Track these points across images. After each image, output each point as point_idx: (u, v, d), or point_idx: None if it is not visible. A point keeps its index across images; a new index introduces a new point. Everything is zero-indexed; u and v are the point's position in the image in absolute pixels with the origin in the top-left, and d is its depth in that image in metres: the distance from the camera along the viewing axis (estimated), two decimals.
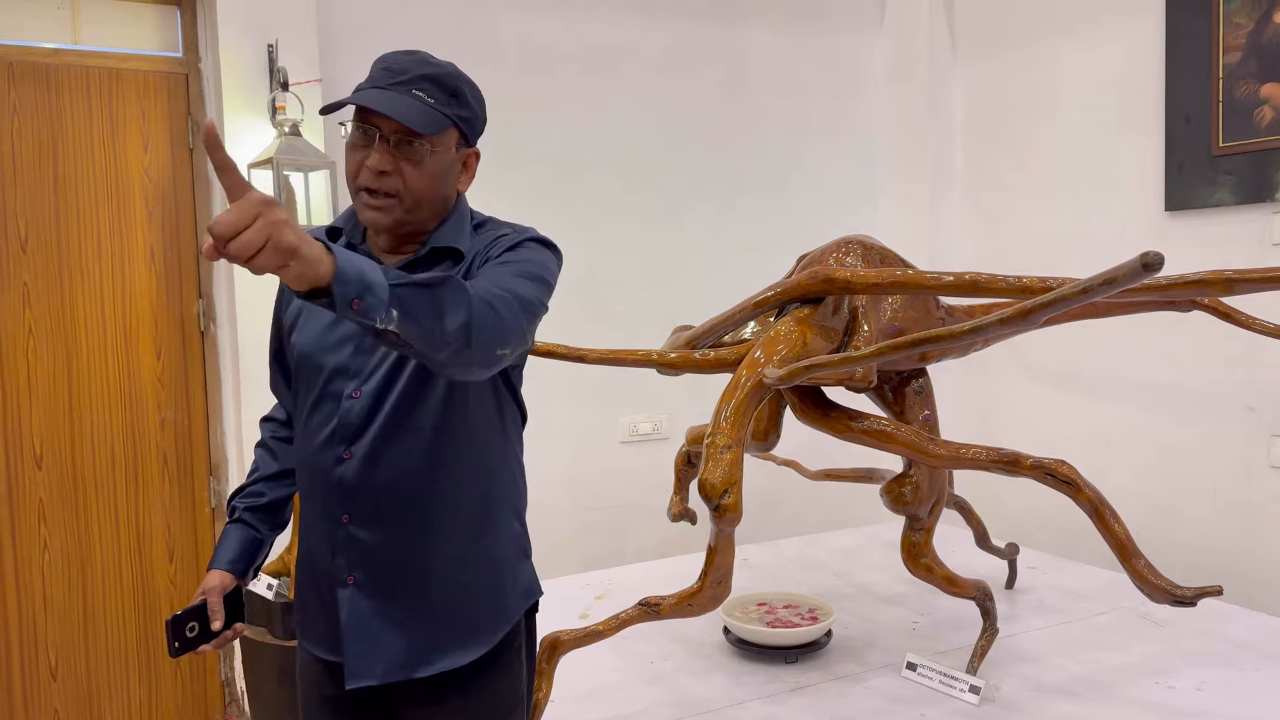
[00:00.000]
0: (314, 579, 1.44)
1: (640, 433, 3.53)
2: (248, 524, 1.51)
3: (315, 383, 1.39)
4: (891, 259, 2.00)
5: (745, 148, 3.66)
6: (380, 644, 1.37)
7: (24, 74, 2.68)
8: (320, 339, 1.39)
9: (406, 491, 1.37)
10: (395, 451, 1.35)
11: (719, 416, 1.69)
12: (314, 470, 1.39)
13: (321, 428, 1.38)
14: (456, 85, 1.40)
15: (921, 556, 1.97)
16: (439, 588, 1.38)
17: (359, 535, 1.37)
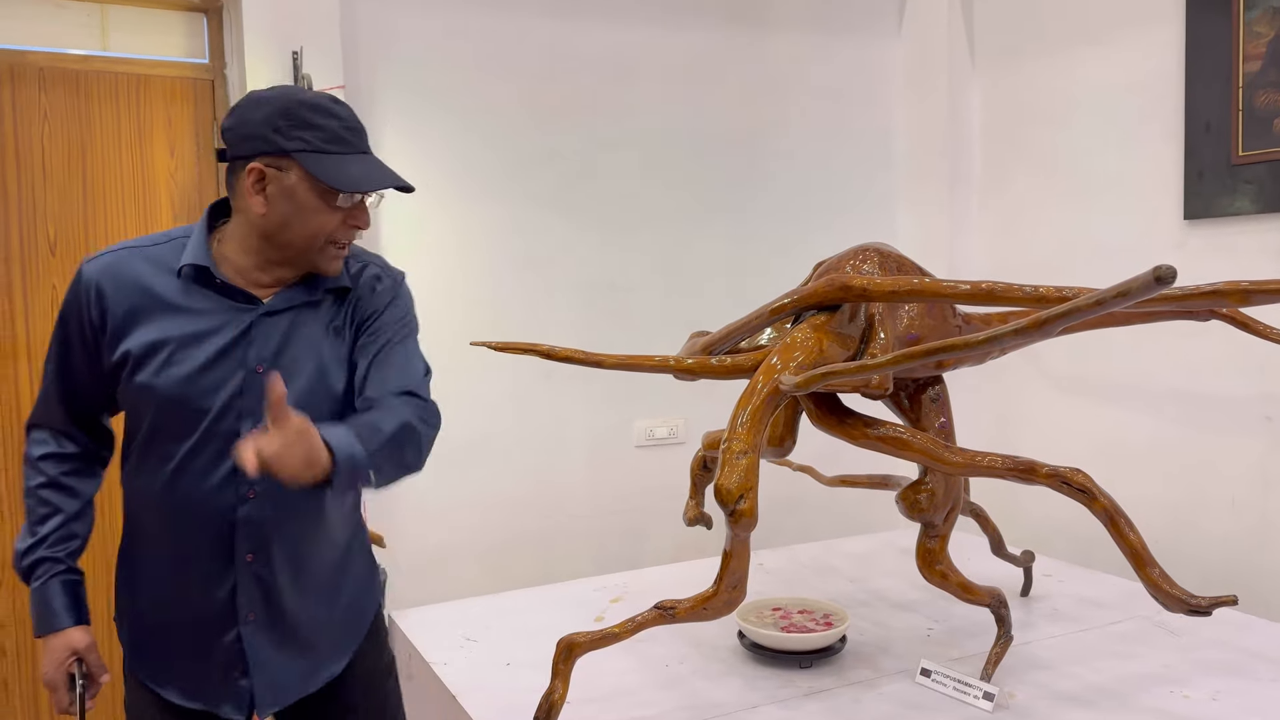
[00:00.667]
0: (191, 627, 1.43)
1: (656, 437, 3.55)
2: (70, 572, 1.47)
3: (195, 423, 1.38)
4: (908, 267, 2.01)
5: (763, 154, 3.68)
6: (282, 672, 1.45)
7: (54, 80, 2.73)
8: (193, 382, 1.37)
9: (305, 527, 1.43)
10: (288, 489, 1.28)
11: (735, 422, 1.70)
12: (205, 511, 1.39)
13: (213, 468, 1.38)
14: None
15: (936, 563, 1.98)
16: (326, 611, 1.49)
17: (262, 573, 1.41)
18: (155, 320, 1.37)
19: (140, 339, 1.38)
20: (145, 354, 1.38)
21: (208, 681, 1.45)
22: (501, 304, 3.29)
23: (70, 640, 1.45)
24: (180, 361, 1.38)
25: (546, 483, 3.39)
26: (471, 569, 3.29)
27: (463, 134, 3.21)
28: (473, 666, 2.17)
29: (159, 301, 1.38)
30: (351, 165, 1.37)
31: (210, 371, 1.39)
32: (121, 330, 1.39)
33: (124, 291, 1.38)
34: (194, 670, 1.46)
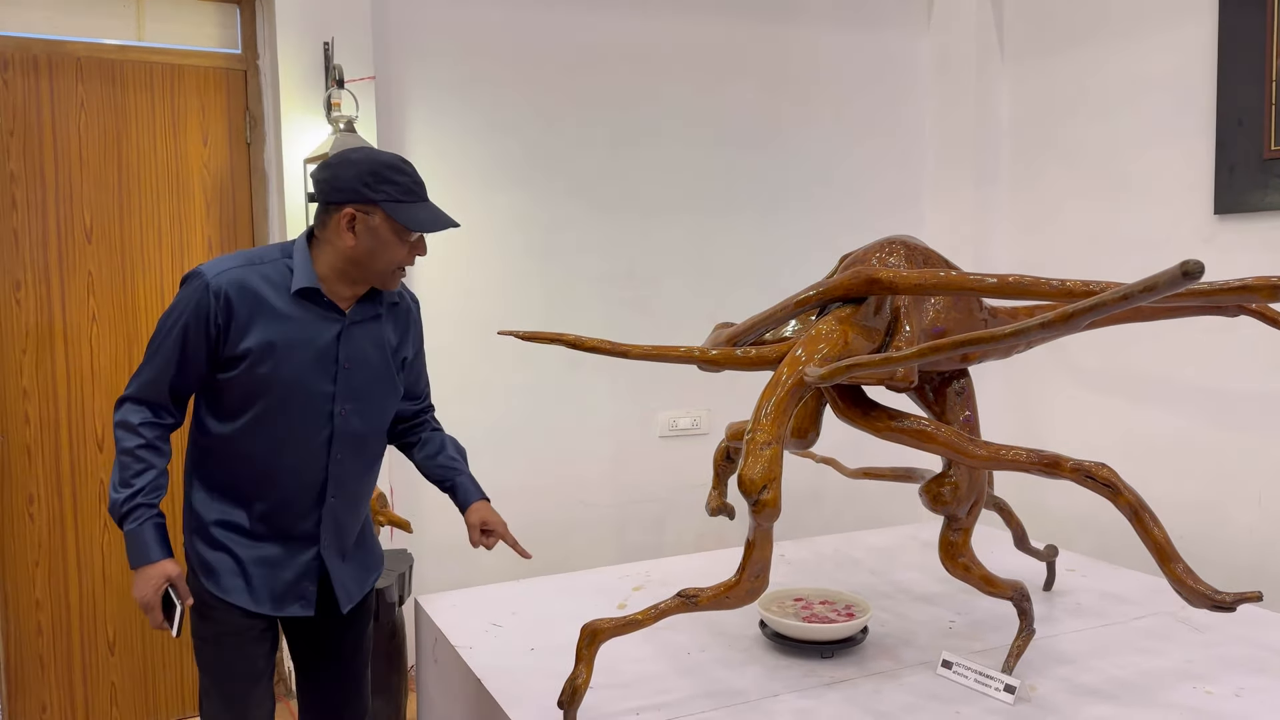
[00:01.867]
0: (277, 546, 1.86)
1: (679, 428, 3.57)
2: (159, 515, 1.79)
3: (305, 403, 1.80)
4: (935, 260, 2.01)
5: (790, 147, 3.68)
6: (347, 581, 1.95)
7: (91, 70, 2.78)
8: (307, 371, 1.79)
9: (362, 480, 1.93)
10: (362, 451, 1.90)
11: (759, 413, 1.71)
12: (308, 467, 1.84)
13: (316, 436, 1.83)
14: None
15: (959, 556, 1.98)
16: (363, 540, 2.00)
17: (337, 510, 1.88)
18: (271, 325, 1.76)
19: (258, 338, 1.74)
20: (264, 351, 1.75)
21: (282, 590, 1.86)
22: (525, 294, 3.32)
23: (164, 569, 1.76)
24: (291, 359, 1.77)
25: (570, 472, 3.42)
26: (495, 556, 3.32)
27: (490, 124, 3.23)
28: (498, 651, 2.19)
29: (273, 311, 1.76)
30: (420, 211, 1.79)
31: (317, 365, 1.80)
32: (245, 330, 1.74)
33: (245, 301, 1.74)
34: (271, 582, 1.86)
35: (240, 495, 1.83)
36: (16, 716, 2.88)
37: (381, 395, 1.89)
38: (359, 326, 1.84)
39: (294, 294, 1.76)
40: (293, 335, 1.76)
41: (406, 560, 2.83)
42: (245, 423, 1.79)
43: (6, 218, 2.77)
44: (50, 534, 2.88)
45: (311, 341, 1.78)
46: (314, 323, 1.78)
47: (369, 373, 1.86)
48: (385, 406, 1.91)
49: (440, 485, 2.12)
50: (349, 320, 1.82)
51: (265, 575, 1.85)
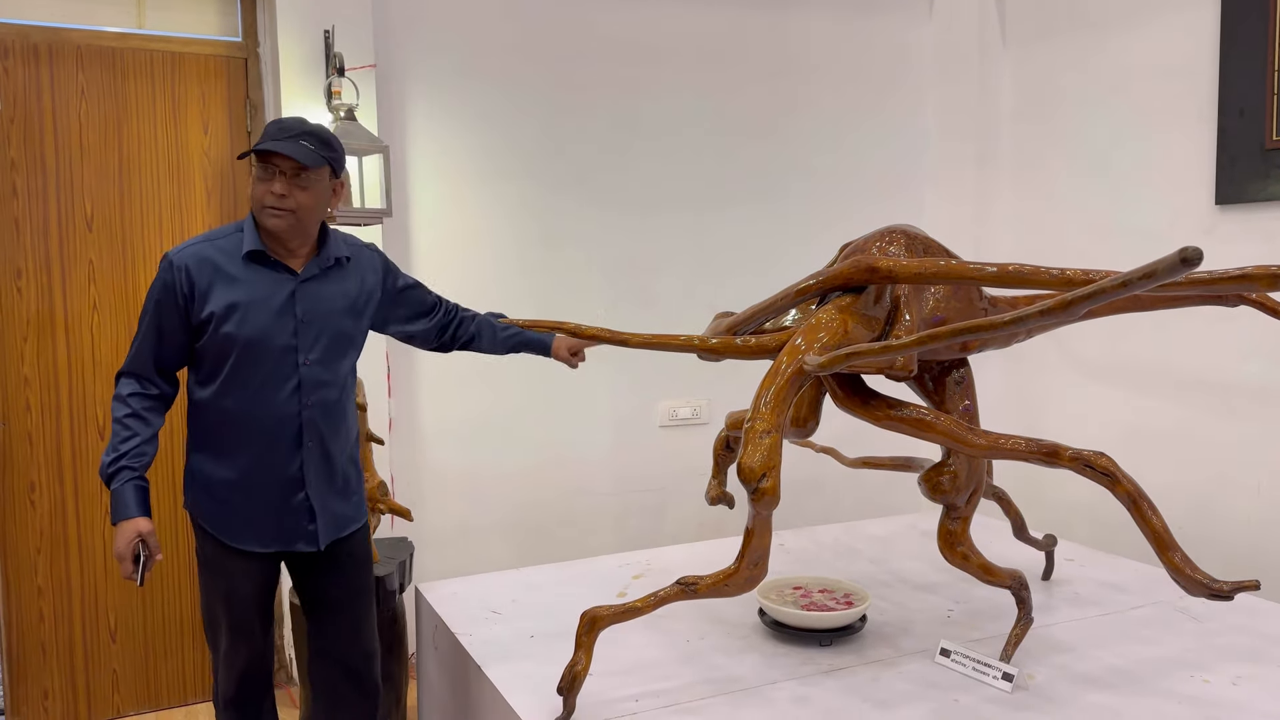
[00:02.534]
0: (270, 492, 2.02)
1: (679, 417, 3.57)
2: (142, 479, 1.96)
3: (267, 357, 1.96)
4: (935, 249, 2.01)
5: (790, 136, 3.67)
6: (334, 516, 2.09)
7: (92, 57, 2.78)
8: (266, 328, 1.94)
9: (334, 422, 2.06)
10: (329, 396, 2.04)
11: (759, 402, 1.72)
12: (281, 416, 1.99)
13: (283, 386, 1.98)
14: (327, 136, 1.97)
15: (958, 545, 1.99)
16: (343, 481, 2.11)
17: (317, 452, 2.04)
18: (229, 289, 1.93)
19: (219, 302, 1.92)
20: (226, 312, 1.92)
21: (283, 530, 2.04)
22: (526, 282, 3.32)
23: (137, 525, 1.91)
24: (250, 318, 1.93)
25: (570, 461, 3.43)
26: (495, 544, 3.34)
27: (490, 113, 3.22)
28: (497, 638, 2.20)
29: (230, 276, 1.94)
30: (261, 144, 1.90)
31: (277, 320, 1.95)
32: (206, 297, 1.92)
33: (204, 271, 1.93)
34: (272, 524, 2.03)
35: (229, 451, 2.00)
36: (19, 703, 2.90)
37: (343, 345, 2.05)
38: (313, 282, 2.00)
39: (246, 259, 1.95)
40: (250, 295, 1.94)
41: (407, 548, 2.84)
42: (221, 382, 1.97)
43: (7, 205, 2.77)
44: (52, 521, 2.89)
45: (268, 300, 1.95)
46: (268, 283, 1.96)
47: (328, 324, 2.01)
48: (346, 354, 2.07)
49: (515, 351, 2.36)
50: (301, 277, 1.99)
51: (266, 519, 2.03)
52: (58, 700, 2.94)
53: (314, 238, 2.02)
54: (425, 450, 3.23)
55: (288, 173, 1.91)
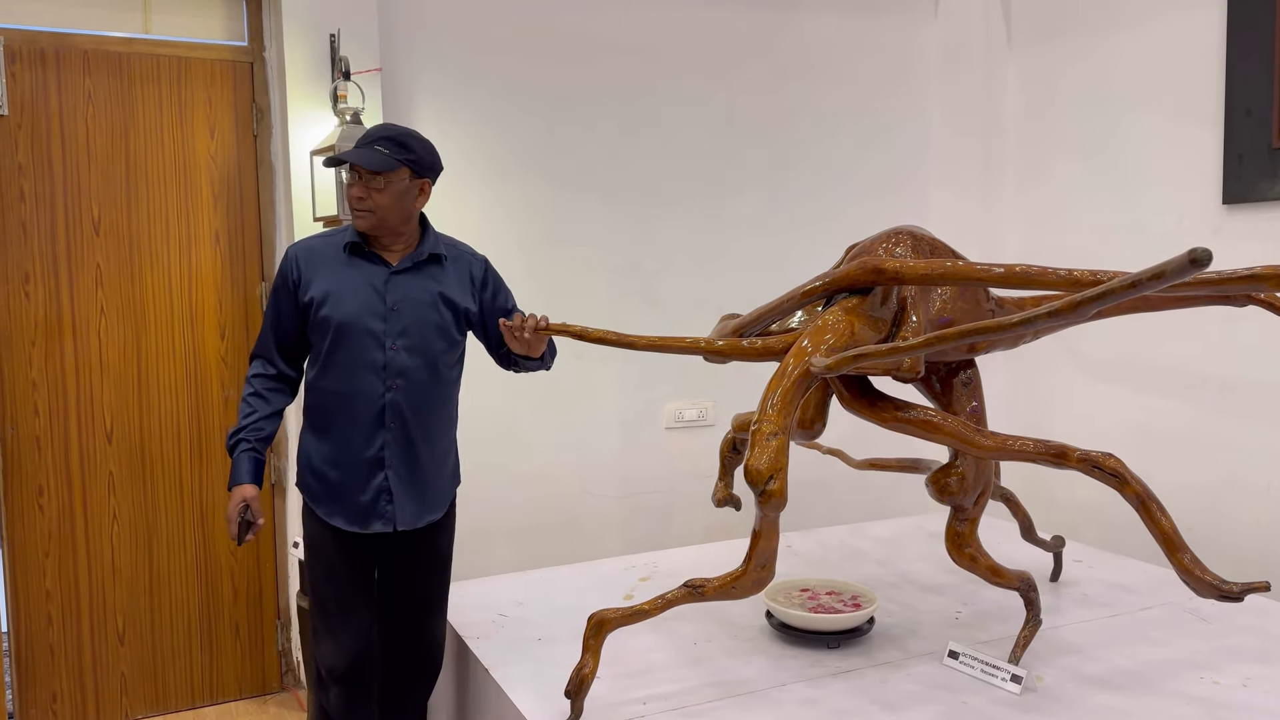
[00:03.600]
0: (355, 471, 2.14)
1: (685, 419, 3.57)
2: (257, 451, 2.15)
3: (357, 340, 2.10)
4: (942, 250, 2.01)
5: (796, 136, 3.67)
6: (411, 504, 2.17)
7: (98, 63, 2.79)
8: (356, 312, 2.10)
9: (422, 411, 2.16)
10: (416, 381, 2.14)
11: (765, 404, 1.72)
12: (366, 396, 2.11)
13: (370, 368, 2.10)
14: (405, 139, 2.11)
15: (966, 546, 1.98)
16: (430, 470, 2.19)
17: (399, 437, 2.14)
18: (329, 276, 2.12)
19: (320, 288, 2.11)
20: (324, 297, 2.11)
21: (365, 509, 2.14)
22: (531, 284, 3.31)
23: (244, 491, 2.10)
24: (345, 301, 2.10)
25: (577, 463, 3.43)
26: (502, 547, 3.34)
27: (495, 115, 3.23)
28: (505, 642, 2.20)
29: (331, 266, 2.13)
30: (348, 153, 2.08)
31: (368, 306, 2.11)
32: (310, 283, 2.12)
33: (311, 260, 2.15)
34: (357, 503, 2.14)
35: (326, 428, 2.16)
36: (27, 706, 2.91)
37: (430, 334, 2.15)
38: (405, 275, 2.14)
39: (348, 252, 2.13)
40: (346, 283, 2.11)
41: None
42: (321, 364, 2.14)
43: (15, 210, 2.78)
44: (60, 525, 2.90)
45: (362, 287, 2.12)
46: (364, 273, 2.13)
47: (417, 314, 2.14)
48: (434, 344, 2.16)
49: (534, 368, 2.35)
50: (394, 269, 2.14)
51: (351, 497, 2.15)
52: (66, 703, 2.94)
53: (408, 234, 2.17)
54: None
55: (363, 176, 2.07)
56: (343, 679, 2.19)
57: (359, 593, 2.21)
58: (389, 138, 2.10)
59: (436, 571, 2.28)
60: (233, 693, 3.11)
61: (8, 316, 2.80)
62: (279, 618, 3.16)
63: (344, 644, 2.19)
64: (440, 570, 2.29)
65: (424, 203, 2.19)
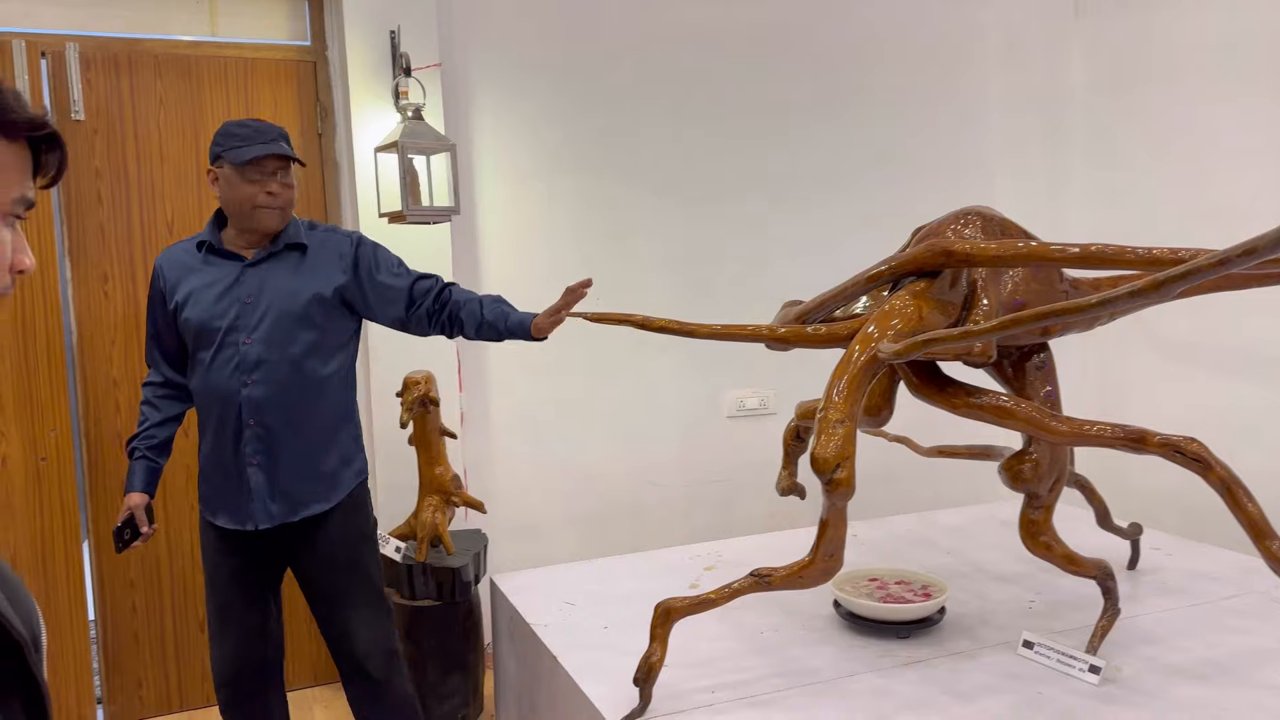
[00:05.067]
0: (224, 469, 2.15)
1: (747, 408, 3.55)
2: (149, 459, 2.20)
3: (212, 338, 2.11)
4: (1013, 230, 1.96)
5: (854, 119, 3.61)
6: (272, 502, 2.14)
7: (169, 66, 2.86)
8: (209, 311, 2.11)
9: (286, 407, 2.11)
10: (276, 376, 2.11)
11: (831, 391, 1.69)
12: (223, 393, 2.11)
13: (226, 365, 2.11)
14: (288, 137, 2.15)
15: (1040, 535, 1.93)
16: (299, 466, 2.14)
17: (260, 433, 2.12)
18: (189, 279, 2.14)
19: (182, 292, 2.14)
20: (184, 300, 2.13)
21: (239, 507, 2.14)
22: (593, 274, 3.33)
23: (130, 499, 2.16)
24: (195, 302, 2.12)
25: (638, 452, 3.43)
26: (567, 536, 3.36)
27: (554, 108, 3.24)
28: (572, 629, 2.22)
29: (190, 268, 2.16)
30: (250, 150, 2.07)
31: (215, 306, 2.11)
32: (175, 288, 2.15)
33: (174, 266, 2.17)
34: (230, 501, 2.15)
35: (203, 429, 2.19)
36: (114, 691, 3.01)
37: (289, 326, 2.12)
38: (260, 267, 2.14)
39: (203, 250, 2.16)
40: (202, 282, 2.14)
41: (481, 540, 2.87)
42: (191, 364, 2.17)
43: (93, 213, 2.87)
44: None
45: (214, 285, 2.13)
46: (218, 270, 2.14)
47: (275, 306, 2.12)
48: (296, 336, 2.12)
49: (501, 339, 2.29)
50: (248, 262, 2.14)
51: (224, 495, 2.16)
52: (151, 689, 3.04)
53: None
54: (497, 443, 3.27)
55: (277, 173, 2.10)
56: (228, 683, 2.22)
57: (244, 595, 2.21)
58: (284, 134, 2.14)
59: (343, 567, 2.23)
60: (308, 679, 3.18)
61: (89, 317, 2.90)
62: None
63: (226, 647, 2.21)
64: (348, 566, 2.23)
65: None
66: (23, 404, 2.76)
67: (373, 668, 2.22)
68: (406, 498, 2.88)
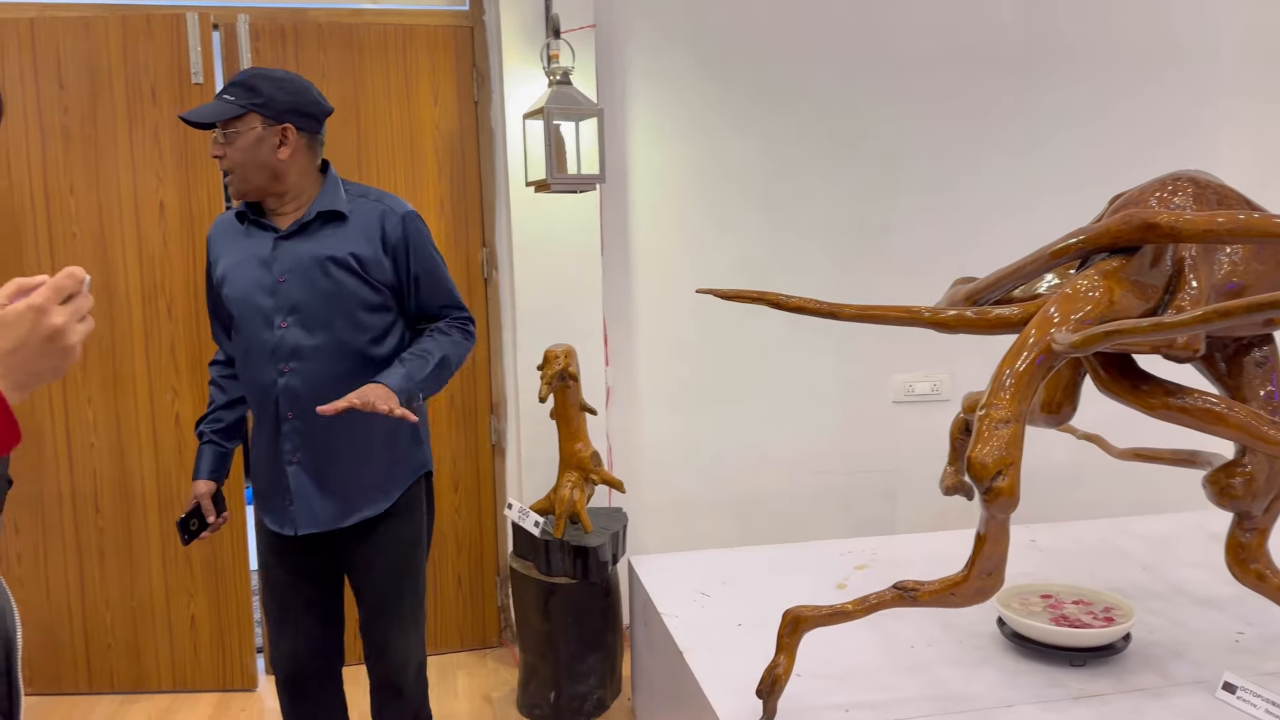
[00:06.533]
0: (268, 465, 1.96)
1: (917, 393, 3.28)
2: (215, 443, 2.05)
3: (250, 320, 1.89)
4: (1232, 199, 1.64)
5: (1052, 73, 3.24)
6: (318, 505, 1.93)
7: (332, 36, 2.90)
8: (242, 289, 1.89)
9: (325, 393, 1.82)
10: (316, 364, 1.88)
11: (998, 384, 1.47)
12: (260, 381, 1.90)
13: (262, 350, 1.89)
14: (253, 81, 1.83)
15: (1252, 561, 1.64)
16: (349, 465, 1.93)
17: (299, 428, 1.90)
18: (230, 250, 1.94)
19: (224, 264, 1.94)
20: (225, 274, 1.93)
21: (279, 510, 1.96)
22: (748, 246, 3.15)
23: (195, 487, 2.02)
24: (241, 276, 1.90)
25: (794, 436, 3.25)
26: (713, 521, 3.23)
27: (709, 69, 3.07)
28: (703, 623, 2.10)
29: (233, 238, 1.94)
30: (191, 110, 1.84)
31: (257, 280, 1.89)
32: (219, 259, 1.95)
33: (221, 235, 1.97)
34: (272, 502, 1.97)
35: (254, 421, 2.00)
36: None
37: (327, 305, 1.86)
38: (293, 239, 1.88)
39: (243, 221, 1.94)
40: (240, 255, 1.91)
41: (621, 520, 2.79)
42: (234, 346, 1.99)
43: None
44: None
45: (249, 259, 1.90)
46: (254, 243, 1.91)
47: (310, 283, 1.87)
48: (333, 318, 1.87)
49: None
50: (280, 235, 1.89)
51: (268, 496, 1.99)
52: None
53: (297, 193, 1.89)
54: (643, 421, 3.17)
55: (216, 134, 1.83)
56: (285, 683, 2.07)
57: (298, 595, 2.03)
58: (237, 83, 1.82)
59: (393, 575, 2.01)
60: (454, 644, 3.22)
61: None
62: (498, 574, 3.23)
63: (283, 648, 2.05)
64: (398, 575, 2.01)
65: (289, 153, 1.85)
66: (194, 363, 2.89)
67: (404, 682, 2.05)
68: (547, 473, 2.84)
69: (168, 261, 2.85)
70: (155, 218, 2.84)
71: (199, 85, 2.80)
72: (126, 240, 2.84)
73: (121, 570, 2.94)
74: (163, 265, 2.86)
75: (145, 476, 2.91)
